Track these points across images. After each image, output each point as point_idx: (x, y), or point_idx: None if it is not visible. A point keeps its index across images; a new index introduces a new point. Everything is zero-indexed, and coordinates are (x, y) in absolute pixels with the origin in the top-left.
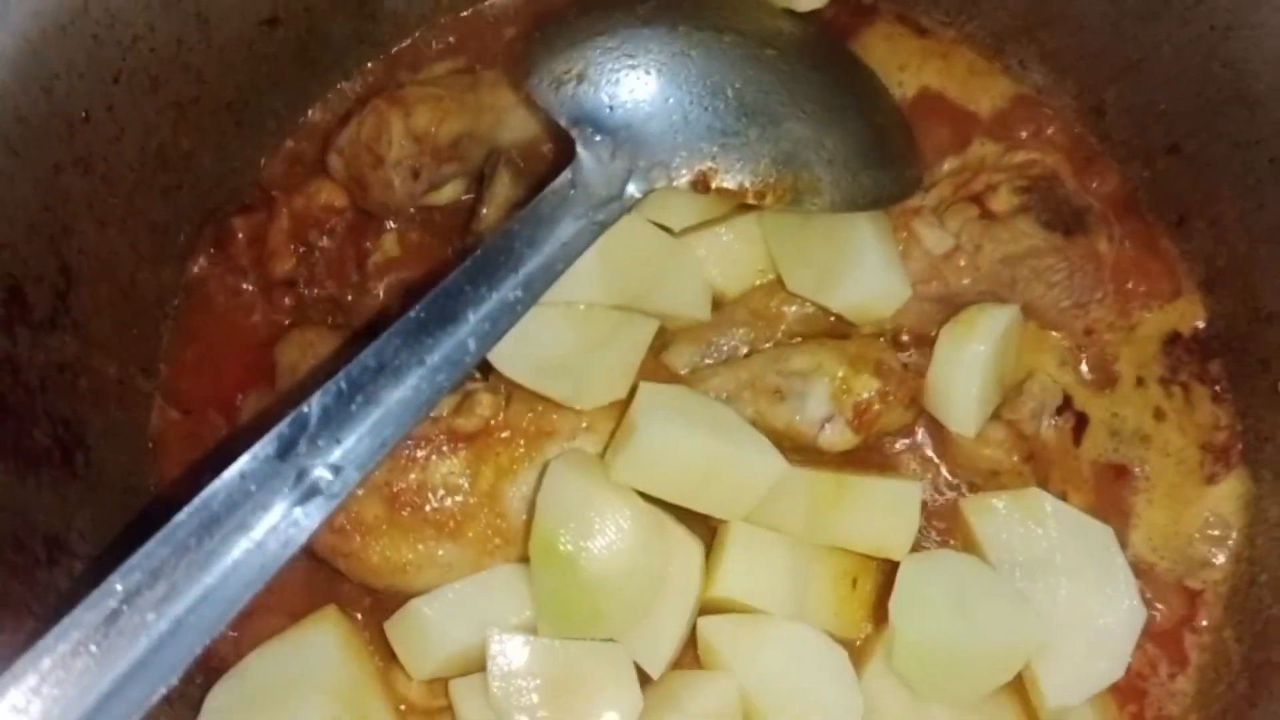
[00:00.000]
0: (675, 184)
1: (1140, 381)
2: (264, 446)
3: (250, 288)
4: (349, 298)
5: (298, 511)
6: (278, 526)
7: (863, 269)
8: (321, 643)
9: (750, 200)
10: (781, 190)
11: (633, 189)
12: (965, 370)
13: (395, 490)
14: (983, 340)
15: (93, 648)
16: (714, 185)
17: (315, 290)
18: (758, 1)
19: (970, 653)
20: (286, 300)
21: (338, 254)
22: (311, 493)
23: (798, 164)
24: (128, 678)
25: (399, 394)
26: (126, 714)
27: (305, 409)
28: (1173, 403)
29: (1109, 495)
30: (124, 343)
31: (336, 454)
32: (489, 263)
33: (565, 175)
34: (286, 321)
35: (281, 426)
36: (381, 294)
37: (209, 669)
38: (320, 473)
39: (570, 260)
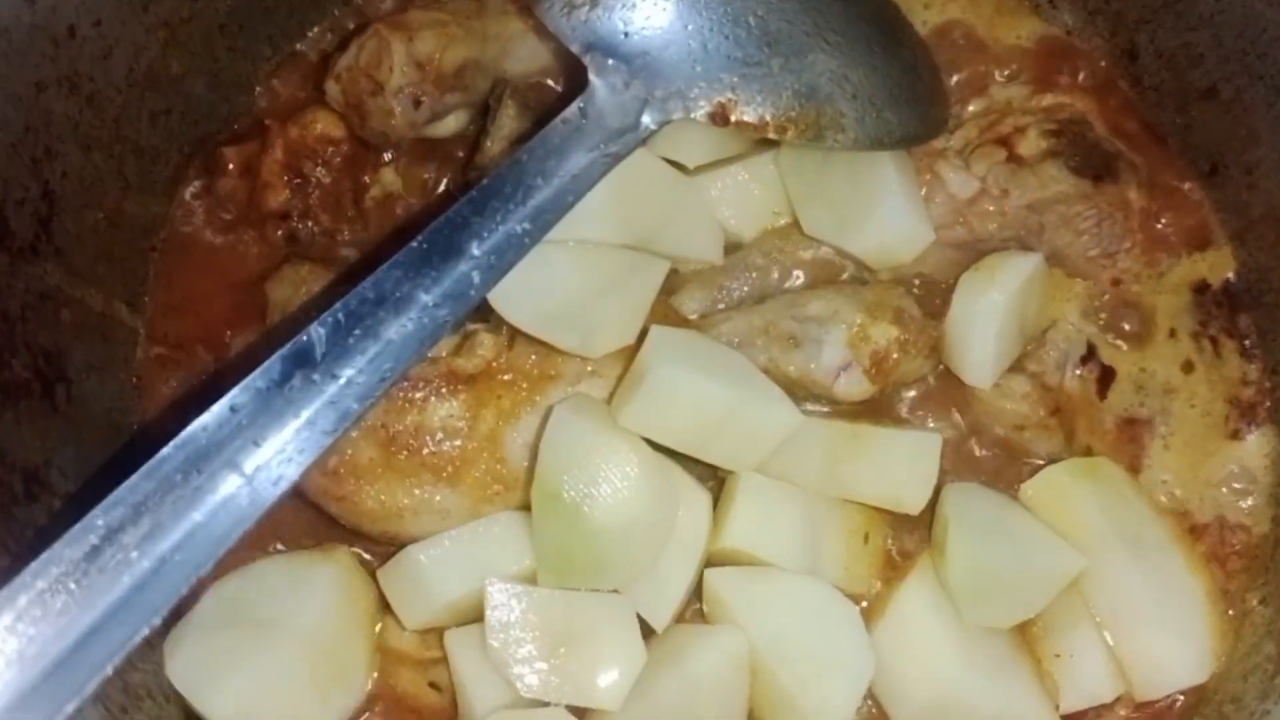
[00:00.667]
0: (693, 115)
1: (1173, 333)
2: (256, 379)
3: (241, 220)
4: (345, 233)
5: (290, 448)
6: (269, 463)
7: (885, 212)
8: (317, 583)
9: (771, 134)
10: (804, 125)
11: (648, 120)
12: (982, 320)
13: (391, 432)
14: (1002, 289)
15: (72, 585)
16: (733, 118)
17: (310, 224)
18: None
19: (1018, 573)
20: (279, 234)
21: (334, 186)
22: (305, 428)
23: (821, 98)
24: (109, 617)
25: (398, 328)
26: (108, 654)
27: (302, 339)
28: (1202, 356)
29: (1130, 449)
30: (109, 274)
31: (332, 389)
32: (496, 193)
33: (577, 104)
34: (279, 257)
35: (275, 358)
36: (379, 229)
37: None
38: (315, 408)
39: (581, 193)
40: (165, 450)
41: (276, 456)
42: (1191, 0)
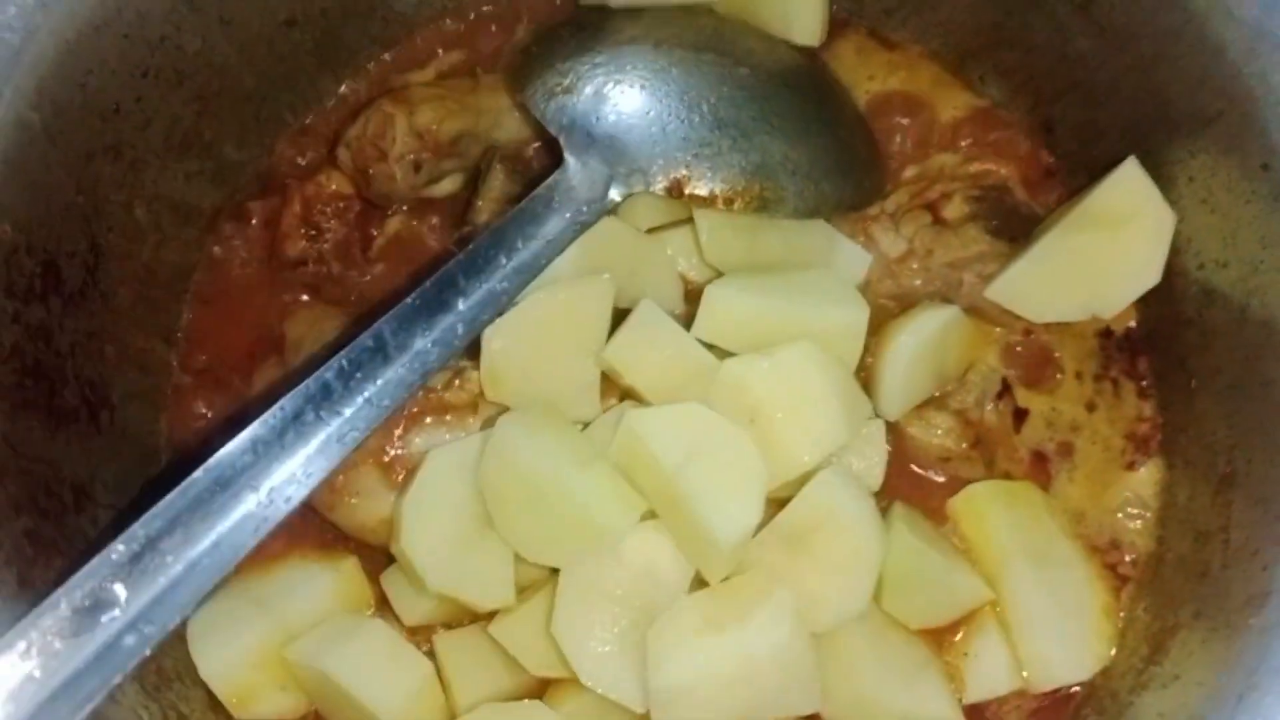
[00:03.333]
0: (652, 189)
1: (1078, 375)
2: (273, 415)
3: (264, 267)
4: (354, 278)
5: (300, 472)
6: (282, 485)
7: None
8: (322, 584)
9: (719, 206)
10: (749, 198)
11: (613, 192)
12: (893, 360)
13: (391, 457)
14: (912, 334)
15: (118, 585)
16: (687, 191)
17: (323, 270)
18: (743, 25)
19: (938, 587)
20: (296, 279)
21: (345, 238)
22: (314, 456)
23: (765, 174)
24: (149, 609)
25: (393, 372)
26: (147, 640)
27: (310, 384)
28: (1103, 396)
29: (1040, 476)
30: (147, 314)
31: (337, 423)
32: (481, 256)
33: (554, 178)
34: (297, 299)
35: (290, 397)
36: (384, 275)
37: None
38: (322, 439)
39: (553, 255)
40: (196, 474)
41: (288, 479)
42: (1093, 83)
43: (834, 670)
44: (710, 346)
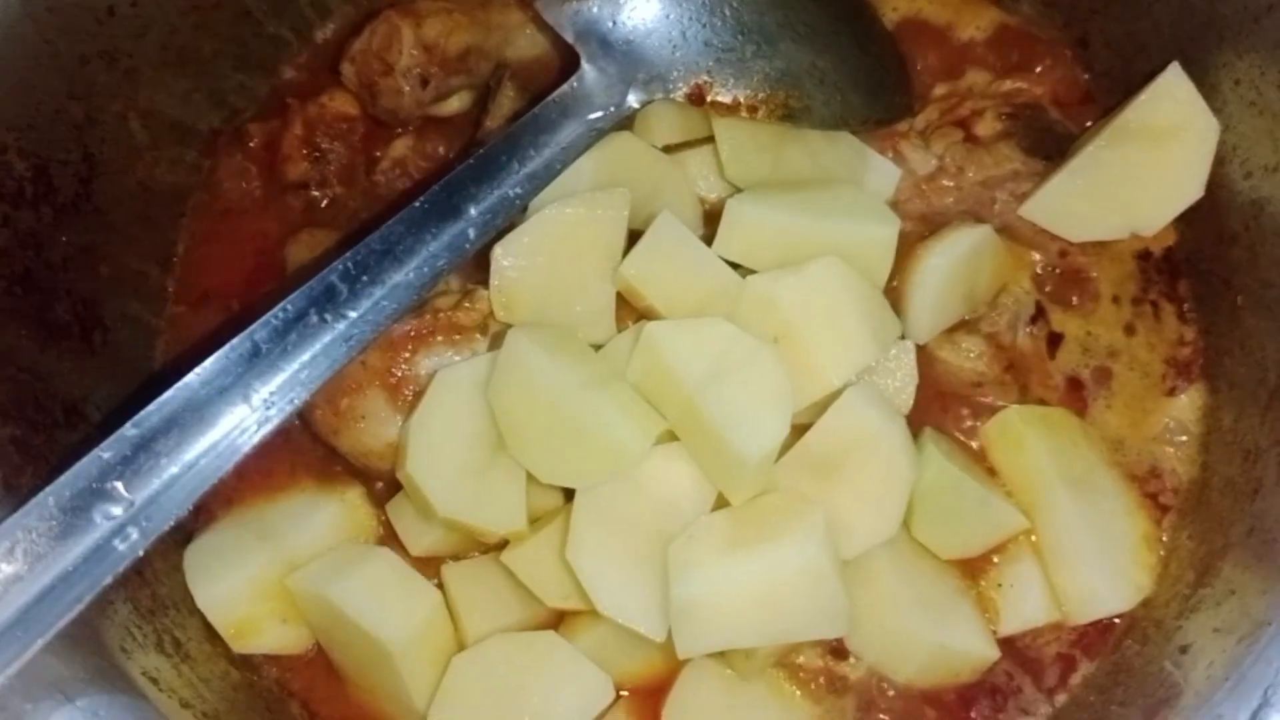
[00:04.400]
0: (672, 95)
1: (1116, 299)
2: (276, 316)
3: (264, 190)
4: (358, 201)
5: (302, 375)
6: (282, 388)
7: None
8: (325, 513)
9: (743, 114)
10: (774, 105)
11: (632, 99)
12: (922, 281)
13: (398, 378)
14: (942, 254)
15: (116, 482)
16: (709, 98)
17: (326, 193)
18: None
19: (971, 515)
20: (298, 203)
21: (348, 160)
22: (317, 359)
23: (790, 82)
24: (146, 507)
25: (401, 275)
26: (143, 538)
27: (315, 285)
28: (1143, 320)
29: (1076, 403)
30: (143, 234)
31: (342, 325)
32: (493, 161)
33: (569, 84)
34: (298, 223)
35: (295, 296)
36: (389, 198)
37: None
38: (326, 341)
39: (567, 162)
40: (191, 375)
41: (288, 381)
42: None
43: (862, 598)
44: (733, 265)
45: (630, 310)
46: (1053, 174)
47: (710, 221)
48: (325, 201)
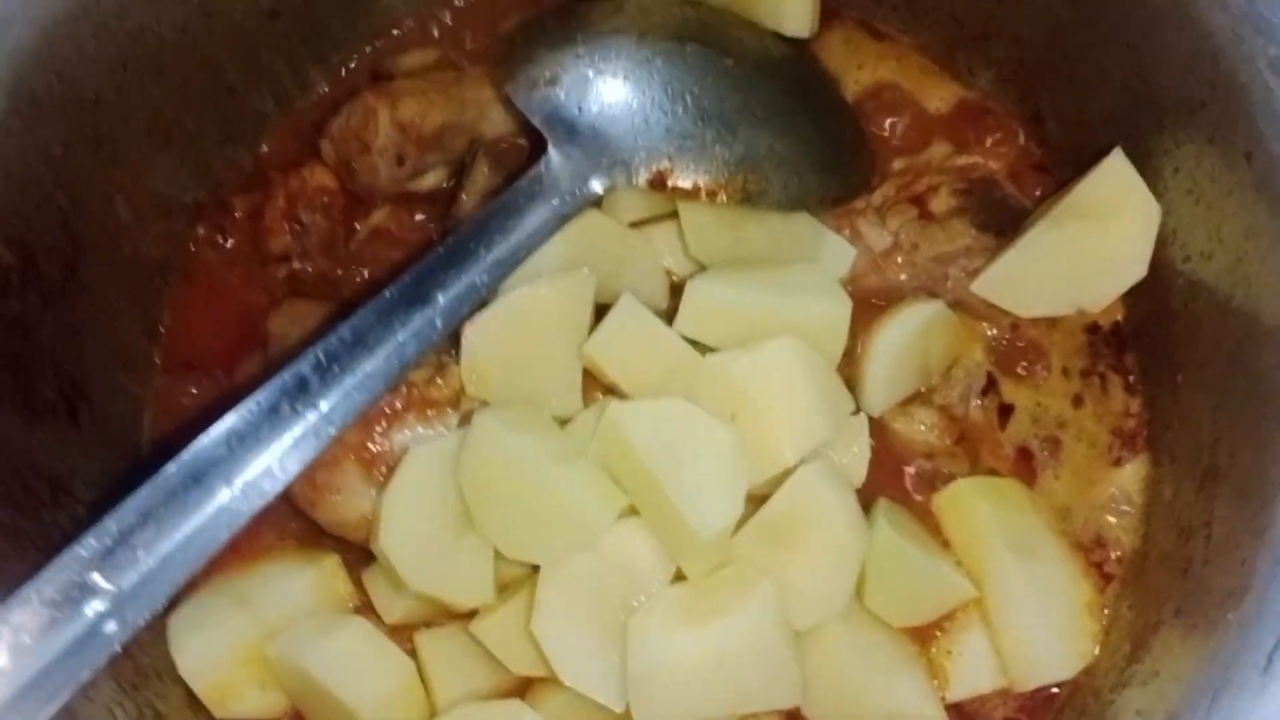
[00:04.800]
0: (635, 182)
1: (1065, 371)
2: (249, 408)
3: (247, 261)
4: (338, 273)
5: (275, 466)
6: (256, 479)
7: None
8: (302, 581)
9: (703, 199)
10: (733, 190)
11: (595, 185)
12: (877, 355)
13: (373, 453)
14: (897, 329)
15: (93, 575)
16: (670, 184)
17: (307, 265)
18: (731, 16)
19: (921, 584)
20: (280, 274)
21: (328, 231)
22: (291, 450)
23: (749, 166)
24: (120, 604)
25: (371, 365)
26: (119, 634)
27: (286, 377)
28: (1090, 391)
29: (1025, 473)
30: (128, 308)
31: (312, 417)
32: (460, 249)
33: (535, 170)
34: (281, 294)
35: (266, 389)
36: (368, 270)
37: None
38: (298, 433)
39: (533, 248)
40: (168, 467)
41: (263, 473)
42: (1082, 73)
43: (815, 666)
44: (693, 342)
45: (597, 383)
46: (1004, 250)
47: (676, 293)
48: (307, 272)
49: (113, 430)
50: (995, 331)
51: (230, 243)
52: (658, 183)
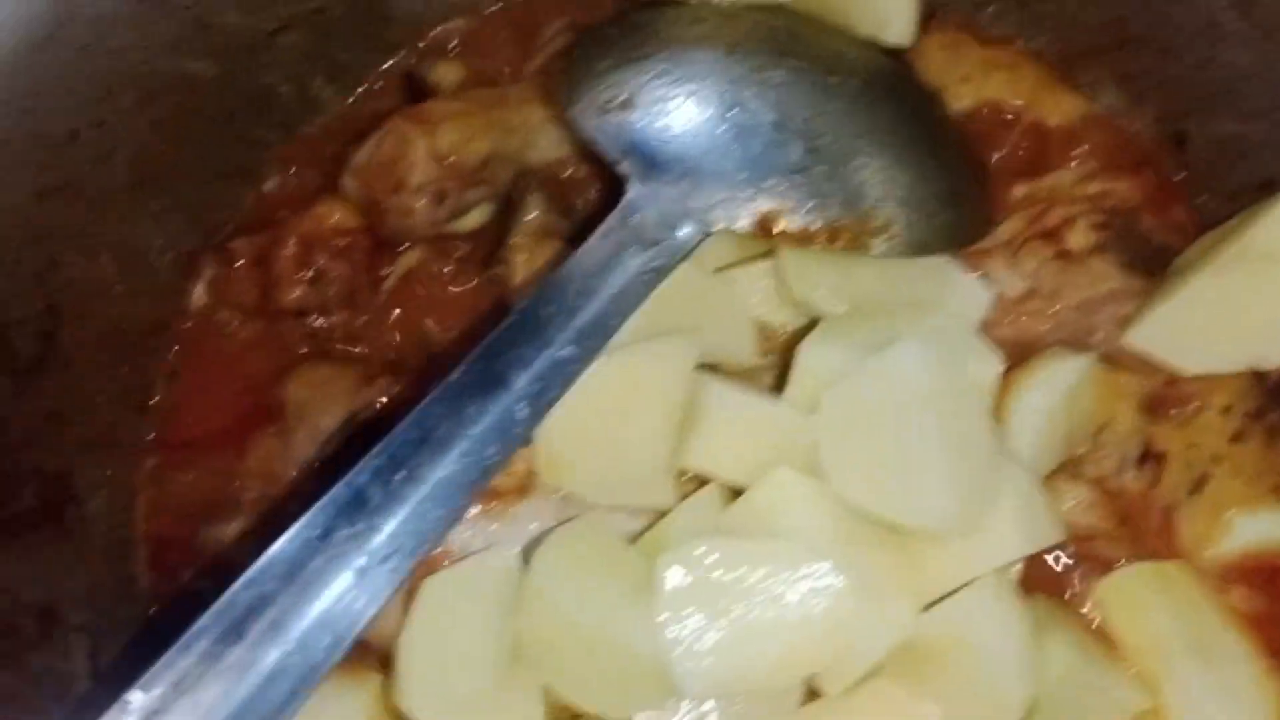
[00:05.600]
0: (736, 226)
1: (1227, 410)
2: (299, 533)
3: (254, 318)
4: (362, 329)
5: (337, 610)
6: (313, 630)
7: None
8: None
9: (818, 244)
10: (853, 232)
11: (689, 231)
12: (1020, 424)
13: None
14: (1042, 391)
15: None
16: (778, 229)
17: (327, 321)
18: (822, 24)
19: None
20: (295, 332)
21: (350, 280)
22: (355, 589)
23: (870, 203)
24: None
25: (444, 470)
26: None
27: (340, 492)
28: (1256, 433)
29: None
30: (115, 383)
31: (376, 542)
32: (536, 317)
33: (614, 216)
34: (297, 356)
35: (316, 511)
36: (400, 324)
37: None
38: (363, 562)
39: (627, 313)
40: (202, 620)
41: (320, 622)
42: (1246, 90)
43: None
44: None
45: None
46: (1158, 297)
47: (767, 348)
48: (326, 329)
49: (101, 529)
50: (1148, 385)
51: (233, 298)
52: (763, 227)
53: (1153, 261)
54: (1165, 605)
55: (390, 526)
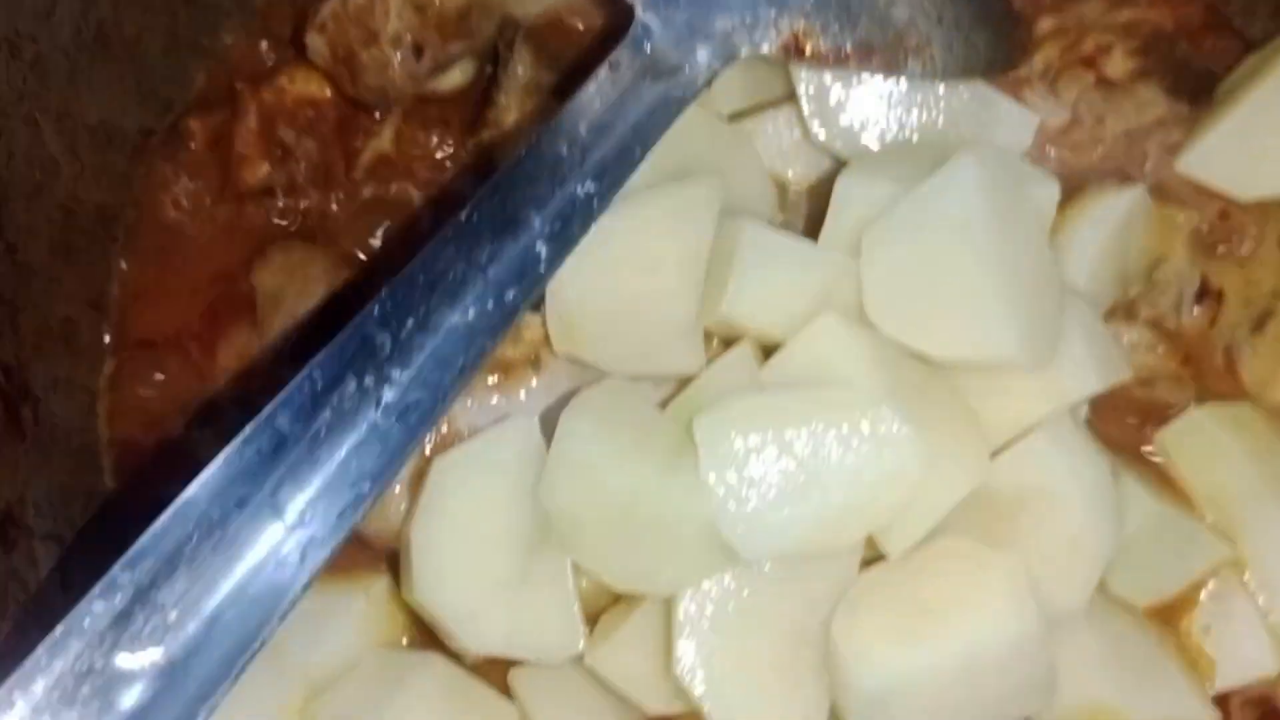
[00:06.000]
0: (762, 49)
1: None
2: (299, 388)
3: (216, 202)
4: (338, 209)
5: (351, 469)
6: (321, 497)
7: None
8: (344, 617)
9: (852, 66)
10: (889, 53)
11: (707, 56)
12: (1073, 261)
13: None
14: (1094, 226)
15: (98, 662)
16: (808, 50)
17: (297, 201)
18: None
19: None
20: (260, 214)
21: (321, 156)
22: (364, 447)
23: (903, 21)
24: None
25: (458, 316)
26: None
27: (346, 340)
28: None
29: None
30: (68, 272)
31: (391, 394)
32: (548, 155)
33: (625, 44)
34: (267, 240)
35: (320, 361)
36: (378, 201)
37: None
38: (373, 420)
39: (647, 145)
40: (190, 490)
41: (328, 488)
42: None
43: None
44: None
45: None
46: (1208, 121)
47: (787, 204)
48: (297, 210)
49: (62, 433)
50: (1199, 219)
51: (191, 180)
52: (792, 49)
53: (1197, 86)
54: (1237, 448)
55: (403, 375)
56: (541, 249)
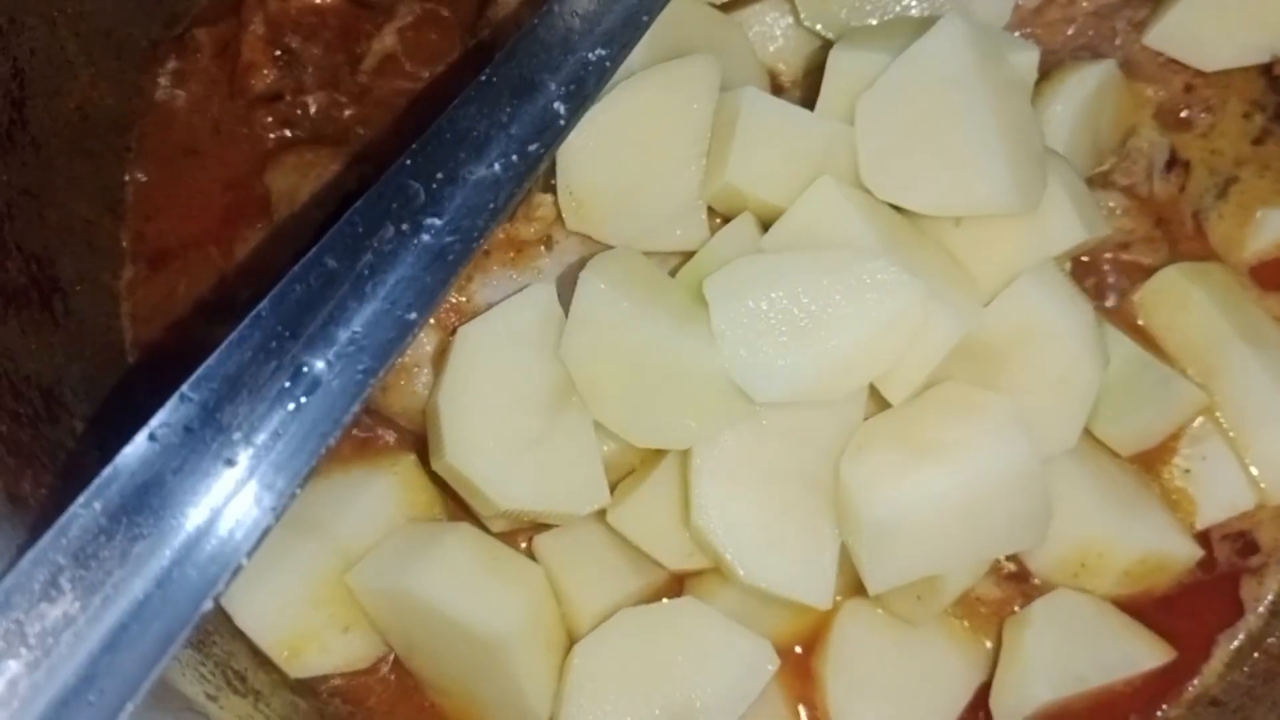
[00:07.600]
0: None
1: (1247, 115)
2: (341, 232)
3: (224, 109)
4: (346, 113)
5: (395, 305)
6: (370, 329)
7: None
8: (371, 491)
9: None
10: None
11: None
12: (1048, 134)
13: (448, 312)
14: (1067, 100)
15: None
16: None
17: (303, 105)
18: None
19: (1149, 399)
20: (270, 120)
21: (327, 59)
22: (407, 283)
23: None
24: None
25: (486, 170)
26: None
27: (383, 189)
28: (1276, 135)
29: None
30: (87, 174)
31: (428, 238)
32: (558, 25)
33: None
34: (277, 143)
35: (360, 206)
36: (384, 102)
37: None
38: (414, 254)
39: (653, 12)
40: (245, 325)
41: (373, 322)
42: None
43: None
44: None
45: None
46: None
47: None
48: (305, 114)
49: (90, 328)
50: (1165, 93)
51: (200, 88)
52: None
53: None
54: (1210, 298)
55: (437, 221)
56: (559, 107)
